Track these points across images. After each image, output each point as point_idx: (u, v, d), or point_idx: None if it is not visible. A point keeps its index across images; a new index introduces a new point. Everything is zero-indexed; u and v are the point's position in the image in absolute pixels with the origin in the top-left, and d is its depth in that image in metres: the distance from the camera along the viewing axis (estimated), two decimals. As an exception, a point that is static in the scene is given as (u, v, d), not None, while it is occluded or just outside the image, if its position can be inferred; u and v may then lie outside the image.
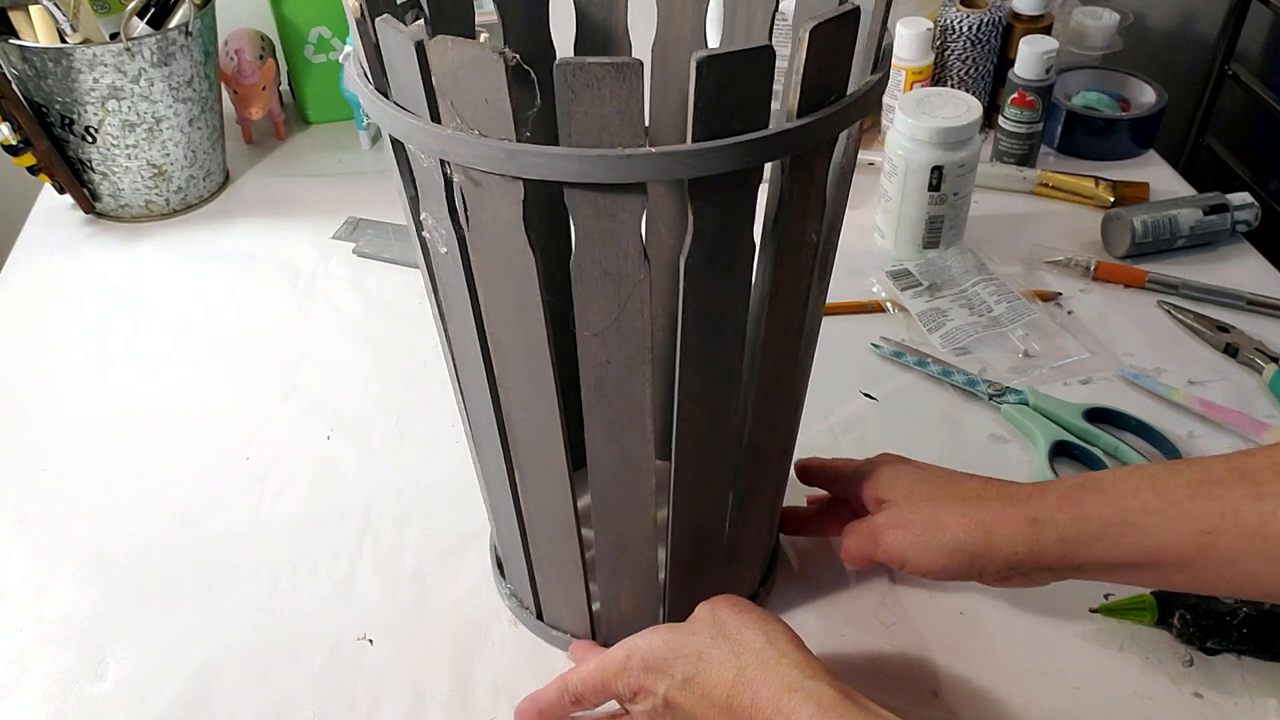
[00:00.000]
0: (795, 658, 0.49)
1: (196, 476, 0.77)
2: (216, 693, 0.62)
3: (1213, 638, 0.61)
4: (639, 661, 0.52)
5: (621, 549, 0.57)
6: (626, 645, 0.53)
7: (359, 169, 1.14)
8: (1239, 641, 0.61)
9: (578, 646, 0.62)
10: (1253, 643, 0.61)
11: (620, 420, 0.50)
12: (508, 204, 0.43)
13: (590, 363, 0.48)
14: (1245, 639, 0.60)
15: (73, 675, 0.64)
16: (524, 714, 0.57)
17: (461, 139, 0.41)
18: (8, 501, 0.76)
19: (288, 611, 0.67)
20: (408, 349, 0.88)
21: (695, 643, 0.51)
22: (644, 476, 0.53)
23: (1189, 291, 0.91)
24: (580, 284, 0.45)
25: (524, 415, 0.52)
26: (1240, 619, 0.60)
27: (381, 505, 0.74)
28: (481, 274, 0.48)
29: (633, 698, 0.53)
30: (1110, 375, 0.83)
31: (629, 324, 0.46)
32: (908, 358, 0.85)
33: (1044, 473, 0.74)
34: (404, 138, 0.44)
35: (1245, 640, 0.60)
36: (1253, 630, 0.60)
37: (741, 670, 0.49)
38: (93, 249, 1.03)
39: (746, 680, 0.49)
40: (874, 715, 0.46)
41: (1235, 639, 0.60)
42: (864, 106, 0.45)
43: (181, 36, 0.99)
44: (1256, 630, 0.60)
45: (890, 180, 0.94)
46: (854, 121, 0.45)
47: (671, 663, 0.51)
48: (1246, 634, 0.60)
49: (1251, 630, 0.60)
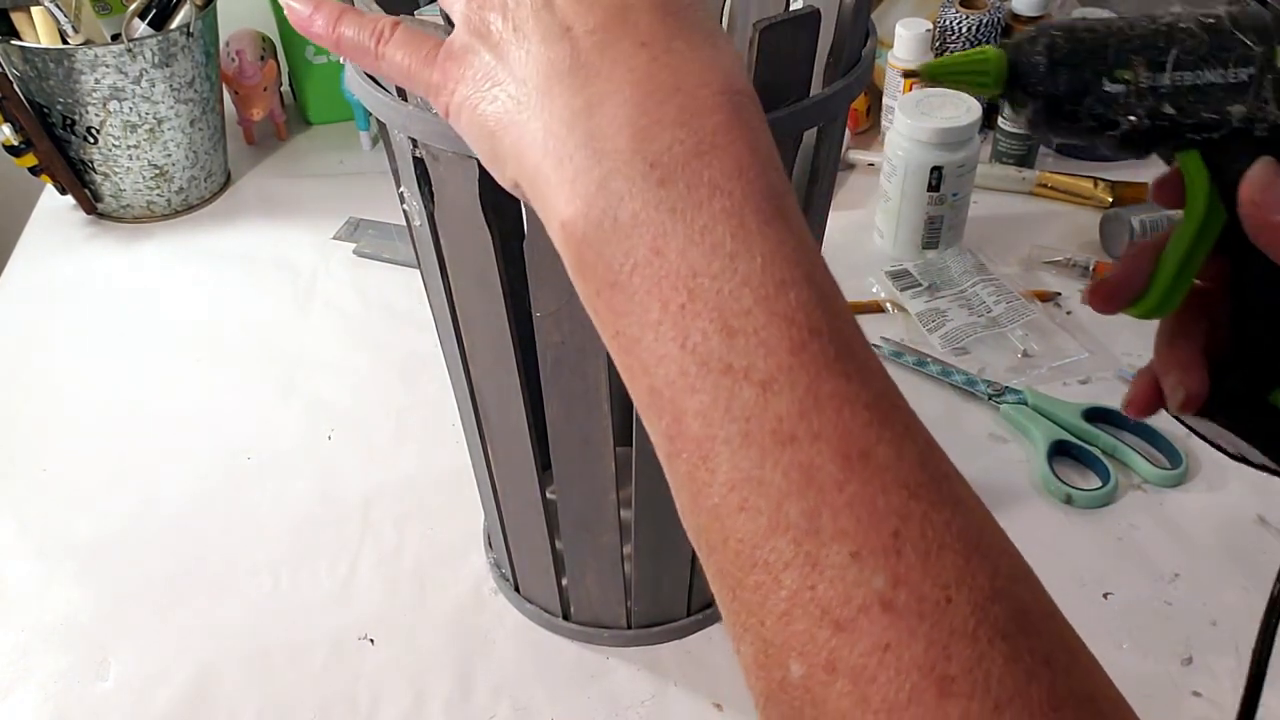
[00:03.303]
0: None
1: (197, 476, 0.77)
2: (217, 693, 0.62)
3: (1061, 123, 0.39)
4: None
5: (585, 529, 0.58)
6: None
7: (360, 169, 1.14)
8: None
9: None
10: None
11: (578, 401, 0.51)
12: (465, 182, 0.45)
13: (546, 342, 0.49)
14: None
15: (74, 675, 0.64)
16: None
17: (419, 115, 0.43)
18: (8, 501, 0.76)
19: (288, 611, 0.67)
20: (408, 349, 0.88)
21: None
22: (603, 459, 0.54)
23: (1188, 292, 0.91)
24: (533, 265, 0.46)
25: (491, 388, 0.54)
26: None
27: (381, 505, 0.74)
28: (447, 248, 0.50)
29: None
30: (1109, 375, 0.83)
31: (582, 305, 0.48)
32: (907, 358, 0.85)
33: (1044, 473, 0.74)
34: (376, 112, 0.46)
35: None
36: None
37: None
38: (94, 250, 1.03)
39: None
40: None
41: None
42: (825, 111, 0.44)
43: (183, 37, 0.99)
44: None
45: (890, 181, 0.94)
46: (813, 125, 0.45)
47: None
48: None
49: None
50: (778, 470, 0.25)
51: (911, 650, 0.23)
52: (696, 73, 0.29)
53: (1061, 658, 0.24)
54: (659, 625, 0.64)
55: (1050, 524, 0.71)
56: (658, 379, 0.27)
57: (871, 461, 0.25)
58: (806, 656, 0.25)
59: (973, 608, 0.24)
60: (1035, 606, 0.25)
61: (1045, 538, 0.69)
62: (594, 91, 0.29)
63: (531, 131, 0.30)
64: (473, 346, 0.54)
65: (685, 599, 0.63)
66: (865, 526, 0.25)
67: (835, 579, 0.24)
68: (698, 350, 0.27)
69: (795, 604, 0.25)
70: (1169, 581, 0.67)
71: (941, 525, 0.25)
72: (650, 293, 0.27)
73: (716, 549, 0.27)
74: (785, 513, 0.25)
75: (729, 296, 0.26)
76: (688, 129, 0.28)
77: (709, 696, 0.62)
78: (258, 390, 0.85)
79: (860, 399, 0.26)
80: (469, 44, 0.32)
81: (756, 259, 0.27)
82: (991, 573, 0.25)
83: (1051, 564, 0.72)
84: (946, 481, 0.26)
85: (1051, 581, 0.26)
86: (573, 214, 0.29)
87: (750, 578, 0.26)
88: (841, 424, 0.25)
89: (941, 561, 0.24)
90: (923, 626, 0.24)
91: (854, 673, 0.24)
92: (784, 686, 0.25)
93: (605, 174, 0.28)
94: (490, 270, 0.48)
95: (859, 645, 0.24)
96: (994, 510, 0.27)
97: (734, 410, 0.26)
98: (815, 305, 0.27)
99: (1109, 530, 0.71)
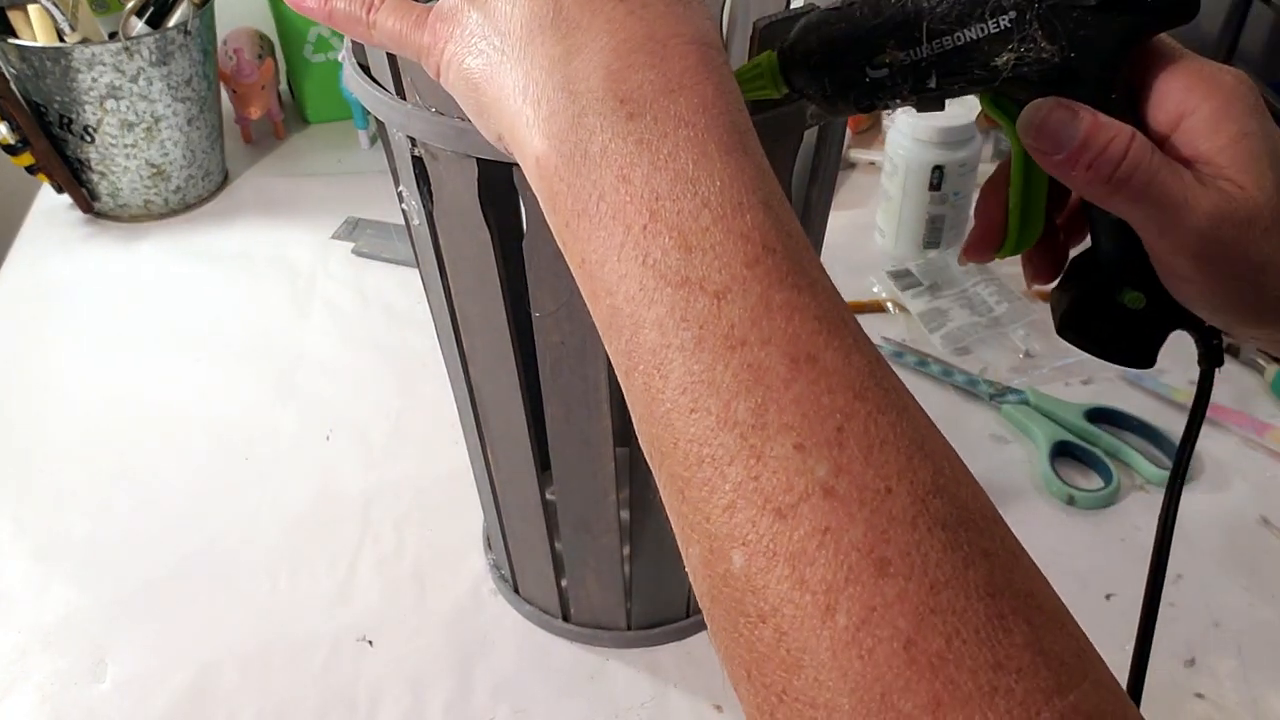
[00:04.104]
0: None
1: (196, 477, 0.77)
2: (216, 694, 0.62)
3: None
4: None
5: (584, 529, 0.58)
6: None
7: (358, 168, 1.14)
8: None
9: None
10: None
11: (577, 402, 0.51)
12: (464, 181, 0.44)
13: (545, 342, 0.49)
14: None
15: (71, 676, 0.63)
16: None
17: (419, 115, 0.43)
18: (5, 501, 0.76)
19: (287, 612, 0.67)
20: (407, 349, 0.88)
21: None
22: (603, 459, 0.53)
23: (1190, 291, 0.91)
24: (532, 265, 0.46)
25: (491, 388, 0.54)
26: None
27: (381, 505, 0.74)
28: (446, 248, 0.49)
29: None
30: (1111, 375, 0.83)
31: (581, 306, 0.48)
32: (908, 358, 0.85)
33: (1046, 474, 0.74)
34: (375, 111, 0.45)
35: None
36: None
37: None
38: (91, 249, 1.03)
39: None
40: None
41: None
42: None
43: (180, 36, 0.98)
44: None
45: (891, 180, 0.94)
46: (814, 124, 0.45)
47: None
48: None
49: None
50: (728, 371, 0.26)
51: (850, 534, 0.24)
52: (670, 25, 0.31)
53: (1002, 555, 0.25)
54: (659, 626, 0.64)
55: (1052, 525, 0.71)
56: (619, 297, 0.29)
57: (819, 364, 0.26)
58: (748, 545, 0.25)
59: (913, 499, 0.25)
60: (977, 507, 0.26)
61: (1047, 539, 0.69)
62: (573, 41, 0.30)
63: (514, 78, 0.31)
64: (472, 346, 0.53)
65: (685, 600, 0.63)
66: (810, 421, 0.25)
67: (779, 469, 0.25)
68: (657, 265, 0.28)
69: (739, 495, 0.26)
70: (1171, 583, 0.67)
71: (886, 425, 0.26)
72: (615, 218, 0.29)
73: (668, 454, 0.28)
74: (733, 410, 0.26)
75: (689, 216, 0.28)
76: (658, 70, 0.30)
77: (709, 698, 0.61)
78: (256, 390, 0.85)
79: (810, 310, 0.27)
80: (457, 4, 0.33)
81: (716, 183, 0.28)
82: (934, 471, 0.25)
83: (1053, 565, 0.71)
84: (894, 390, 0.27)
85: (1053, 582, 0.26)
86: (546, 149, 0.30)
87: (698, 475, 0.26)
88: (791, 330, 0.26)
89: (884, 455, 0.25)
90: (862, 512, 0.24)
91: (793, 557, 0.25)
92: (726, 579, 0.26)
93: (579, 111, 0.30)
94: (490, 270, 0.48)
95: (799, 530, 0.25)
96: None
97: (689, 318, 0.27)
98: (770, 226, 0.28)
99: (1111, 531, 0.70)
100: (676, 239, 0.28)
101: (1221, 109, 0.34)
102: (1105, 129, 0.34)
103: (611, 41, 0.30)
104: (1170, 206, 0.34)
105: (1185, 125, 0.35)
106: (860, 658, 0.23)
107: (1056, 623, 0.24)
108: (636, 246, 0.28)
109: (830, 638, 0.24)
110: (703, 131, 0.29)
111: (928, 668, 0.23)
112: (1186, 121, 0.35)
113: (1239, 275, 0.35)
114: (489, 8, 0.32)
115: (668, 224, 0.28)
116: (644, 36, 0.30)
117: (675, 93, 0.29)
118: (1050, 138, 0.35)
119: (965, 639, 0.23)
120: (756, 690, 0.25)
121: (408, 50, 0.35)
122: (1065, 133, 0.34)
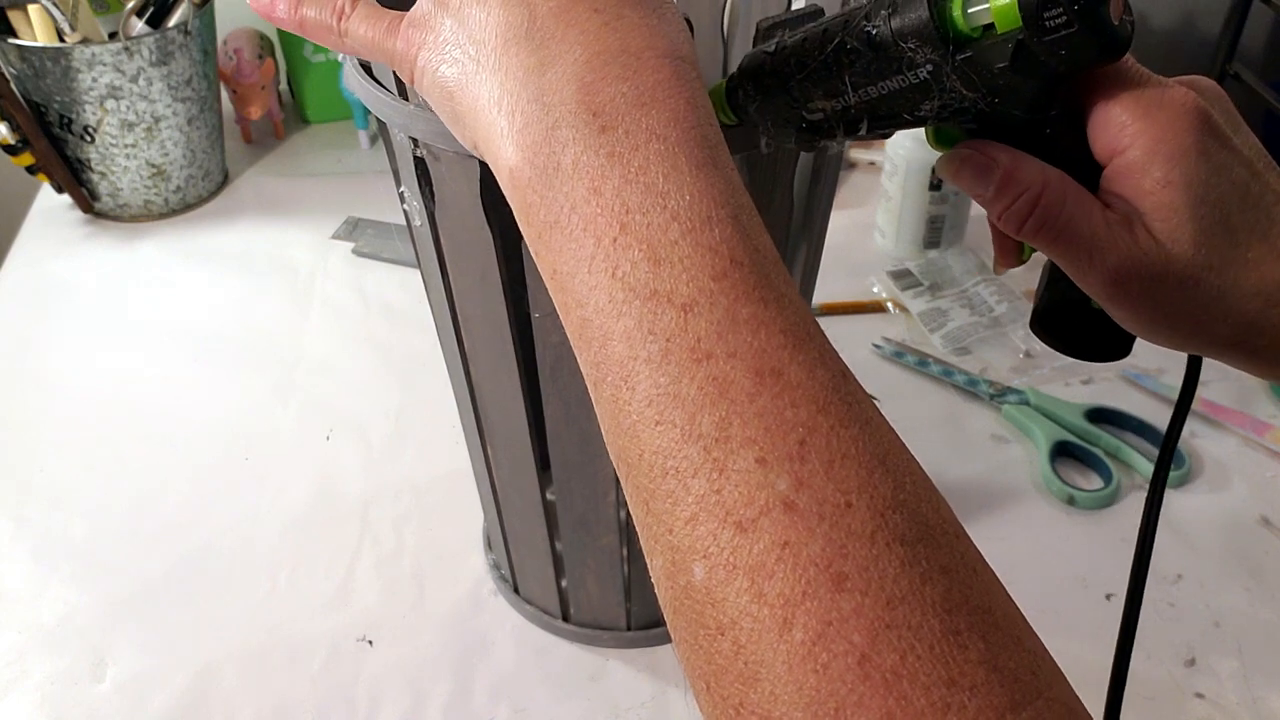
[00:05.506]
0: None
1: (195, 477, 0.77)
2: (215, 694, 0.62)
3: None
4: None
5: (584, 530, 0.58)
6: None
7: (358, 168, 1.14)
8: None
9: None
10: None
11: (577, 402, 0.51)
12: (466, 181, 0.44)
13: (546, 342, 0.49)
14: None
15: (71, 676, 0.63)
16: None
17: (421, 115, 0.43)
18: (5, 502, 0.76)
19: (287, 612, 0.67)
20: (408, 349, 0.88)
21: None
22: (603, 459, 0.54)
23: (1190, 291, 0.91)
24: (533, 266, 0.46)
25: (491, 388, 0.54)
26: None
27: (381, 506, 0.74)
28: (447, 248, 0.49)
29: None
30: (1111, 375, 0.83)
31: None
32: (909, 358, 0.85)
33: (1046, 474, 0.74)
34: (377, 112, 0.45)
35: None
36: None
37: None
38: (91, 249, 1.03)
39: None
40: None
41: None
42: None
43: (180, 36, 0.98)
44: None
45: (891, 180, 0.94)
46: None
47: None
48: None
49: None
50: (693, 384, 0.26)
51: (809, 548, 0.24)
52: (643, 37, 0.31)
53: (960, 571, 0.25)
54: (659, 626, 0.64)
55: (1052, 525, 0.71)
56: (589, 309, 0.29)
57: (783, 378, 0.26)
58: (709, 558, 0.25)
59: (872, 514, 0.25)
60: (938, 522, 0.26)
61: (1047, 539, 0.69)
62: (547, 52, 0.30)
63: (489, 88, 0.31)
64: (473, 346, 0.53)
65: (686, 600, 0.63)
66: (773, 435, 0.26)
67: (740, 483, 0.25)
68: (626, 278, 0.28)
69: (702, 508, 0.26)
70: (1172, 583, 0.67)
71: (848, 439, 0.26)
72: (586, 230, 0.29)
73: (634, 466, 0.28)
74: (698, 423, 0.26)
75: (658, 229, 0.28)
76: (630, 84, 0.30)
77: (710, 698, 0.61)
78: (256, 390, 0.85)
79: (776, 324, 0.27)
80: (431, 11, 0.33)
81: (686, 196, 0.28)
82: (895, 486, 0.26)
83: (1053, 565, 0.72)
84: (857, 404, 0.27)
85: (1054, 582, 0.26)
86: (520, 161, 0.30)
87: (662, 487, 0.27)
88: (757, 344, 0.27)
89: (845, 470, 0.25)
90: (822, 527, 0.24)
91: (752, 570, 0.25)
92: (688, 591, 0.26)
93: (552, 124, 0.30)
94: (490, 270, 0.48)
95: (759, 544, 0.25)
96: (996, 511, 0.27)
97: (656, 331, 0.27)
98: (738, 240, 0.28)
99: (1111, 531, 0.70)
100: (646, 252, 0.28)
101: (1151, 149, 0.33)
102: (1017, 181, 0.35)
103: (585, 54, 0.30)
104: (1081, 254, 0.34)
105: (1116, 164, 0.34)
106: (815, 672, 0.23)
107: (1013, 639, 0.24)
108: (607, 259, 0.28)
109: (787, 652, 0.24)
110: (674, 145, 0.29)
111: (881, 683, 0.23)
112: (1117, 160, 0.34)
113: (1154, 320, 0.35)
114: (463, 15, 0.32)
115: (638, 237, 0.28)
116: (618, 49, 0.30)
117: (648, 106, 0.29)
118: (967, 184, 0.36)
119: (920, 655, 0.23)
120: (715, 703, 0.26)
121: (381, 57, 0.35)
122: (981, 180, 0.35)
